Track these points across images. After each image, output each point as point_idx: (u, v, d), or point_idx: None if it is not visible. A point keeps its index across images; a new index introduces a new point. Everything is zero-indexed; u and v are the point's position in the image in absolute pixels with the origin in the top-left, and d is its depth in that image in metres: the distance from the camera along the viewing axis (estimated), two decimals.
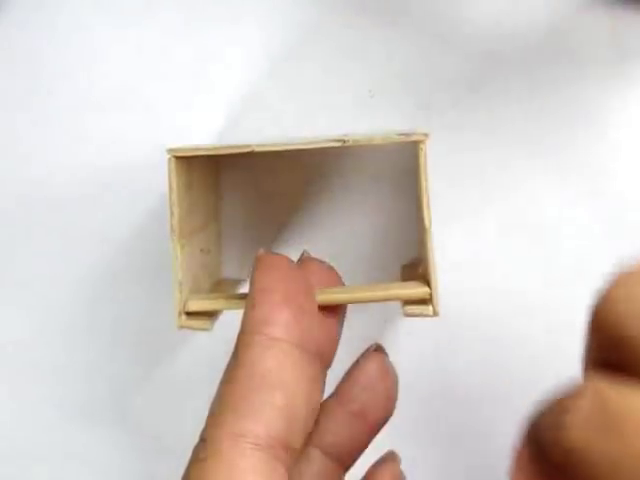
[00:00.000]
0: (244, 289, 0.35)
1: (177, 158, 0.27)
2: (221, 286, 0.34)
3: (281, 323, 0.22)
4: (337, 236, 0.36)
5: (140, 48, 0.36)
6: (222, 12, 0.36)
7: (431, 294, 0.26)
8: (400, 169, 0.35)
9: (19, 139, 0.37)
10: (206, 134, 0.36)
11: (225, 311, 0.31)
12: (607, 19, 0.35)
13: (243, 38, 0.36)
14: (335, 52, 0.36)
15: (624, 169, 0.35)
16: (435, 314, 0.26)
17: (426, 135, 0.26)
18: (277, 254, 0.25)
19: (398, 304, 0.29)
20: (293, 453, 0.22)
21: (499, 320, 0.36)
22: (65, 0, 0.36)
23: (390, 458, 0.27)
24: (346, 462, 0.27)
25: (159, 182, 0.34)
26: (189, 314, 0.27)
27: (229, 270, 0.36)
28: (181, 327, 0.27)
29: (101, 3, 0.36)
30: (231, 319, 0.35)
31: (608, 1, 0.35)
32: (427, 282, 0.27)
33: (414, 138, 0.26)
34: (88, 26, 0.37)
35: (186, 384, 0.37)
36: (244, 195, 0.36)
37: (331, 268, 0.27)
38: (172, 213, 0.27)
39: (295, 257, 0.28)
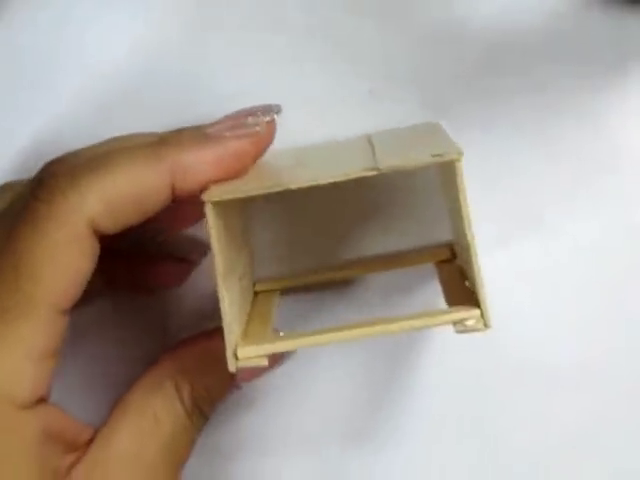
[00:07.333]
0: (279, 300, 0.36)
1: (214, 203, 0.27)
2: (259, 302, 0.35)
3: None
4: (363, 240, 0.36)
5: (141, 49, 0.36)
6: (221, 14, 0.36)
7: (482, 310, 0.27)
8: (428, 183, 0.35)
9: (19, 139, 0.37)
10: None
11: None
12: (607, 19, 0.34)
13: (242, 39, 0.36)
14: (335, 51, 0.36)
15: (625, 168, 0.35)
16: (488, 327, 0.27)
17: (460, 154, 0.26)
18: None
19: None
20: None
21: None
22: (66, 0, 0.36)
23: None
24: None
25: None
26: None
27: (261, 284, 0.36)
28: (237, 369, 0.27)
29: (102, 3, 0.36)
30: None
31: (608, 1, 0.34)
32: (467, 282, 0.28)
33: (448, 158, 0.26)
34: (89, 26, 0.36)
35: None
36: (272, 214, 0.36)
37: None
38: (215, 258, 0.27)
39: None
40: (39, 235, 0.26)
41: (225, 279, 0.27)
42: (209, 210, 0.26)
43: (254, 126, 0.30)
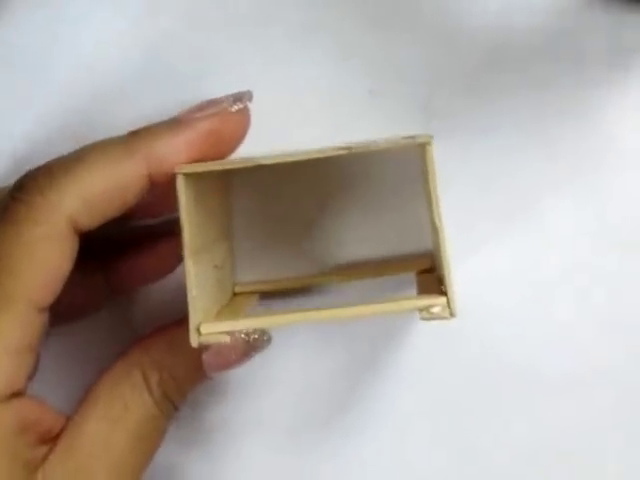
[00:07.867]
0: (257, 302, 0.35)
1: (186, 175, 0.27)
2: (236, 300, 0.34)
3: None
4: (347, 243, 0.36)
5: (140, 48, 0.37)
6: (219, 13, 0.36)
7: (448, 298, 0.26)
8: (407, 173, 0.35)
9: (19, 139, 0.37)
10: None
11: None
12: (607, 19, 0.35)
13: (241, 38, 0.36)
14: (335, 52, 0.36)
15: (625, 167, 0.35)
16: (453, 315, 0.26)
17: (431, 136, 0.26)
18: None
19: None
20: None
21: (500, 320, 0.36)
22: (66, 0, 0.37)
23: None
24: None
25: None
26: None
27: (241, 285, 0.36)
28: (199, 344, 0.27)
29: (97, 1, 0.37)
30: None
31: (608, 1, 0.35)
32: (443, 287, 0.27)
33: (419, 140, 0.26)
34: (89, 25, 0.37)
35: None
36: (254, 207, 0.36)
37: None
38: (183, 230, 0.27)
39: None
40: (19, 234, 0.27)
41: (193, 254, 0.27)
42: (179, 180, 0.27)
43: (223, 105, 0.31)
